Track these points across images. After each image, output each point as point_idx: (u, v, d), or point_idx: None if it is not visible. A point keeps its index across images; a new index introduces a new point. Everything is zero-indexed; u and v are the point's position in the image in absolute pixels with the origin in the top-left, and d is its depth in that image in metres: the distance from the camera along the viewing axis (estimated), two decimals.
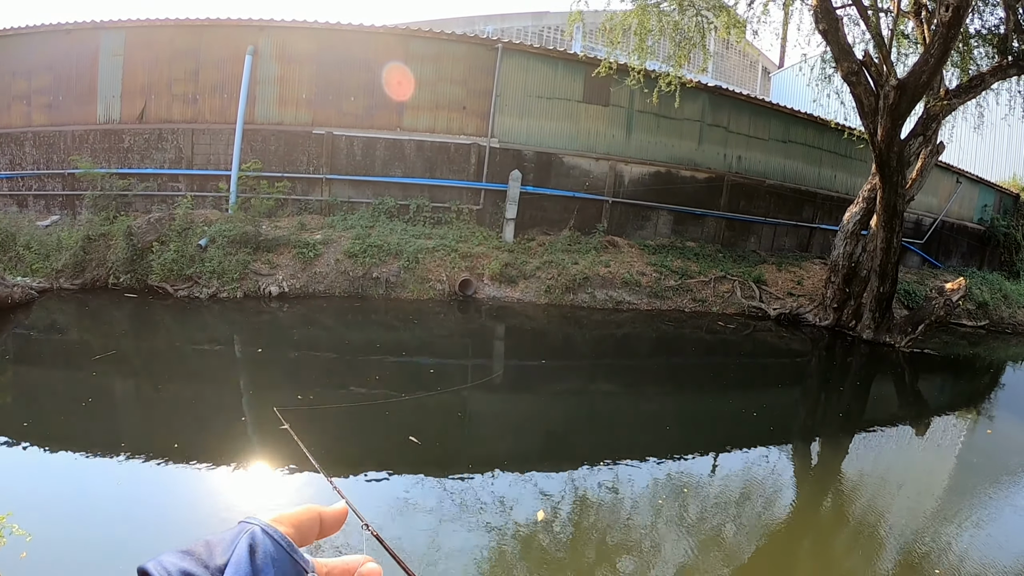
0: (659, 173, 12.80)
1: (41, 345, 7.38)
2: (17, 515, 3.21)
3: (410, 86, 11.63)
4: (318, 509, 0.64)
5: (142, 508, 4.01)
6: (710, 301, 11.50)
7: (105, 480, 4.30)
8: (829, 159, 14.67)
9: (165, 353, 7.38)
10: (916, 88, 8.98)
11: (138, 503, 4.04)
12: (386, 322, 9.32)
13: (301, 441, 3.31)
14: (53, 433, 4.87)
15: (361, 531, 1.10)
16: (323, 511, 0.65)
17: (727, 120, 13.26)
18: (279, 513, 0.60)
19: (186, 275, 9.68)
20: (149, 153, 11.84)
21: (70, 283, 9.83)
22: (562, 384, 7.50)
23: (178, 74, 11.82)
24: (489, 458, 5.09)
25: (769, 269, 12.69)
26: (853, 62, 9.32)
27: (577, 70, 12.08)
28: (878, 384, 9.09)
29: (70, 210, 12.03)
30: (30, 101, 12.46)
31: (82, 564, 3.37)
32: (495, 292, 10.60)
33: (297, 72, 11.62)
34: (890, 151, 9.44)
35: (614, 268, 11.33)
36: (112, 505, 4.05)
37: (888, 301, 10.49)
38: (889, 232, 10.04)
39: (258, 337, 8.43)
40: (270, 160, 11.53)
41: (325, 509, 0.65)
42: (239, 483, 4.31)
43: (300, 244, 10.29)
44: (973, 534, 4.48)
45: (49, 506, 3.84)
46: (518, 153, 11.97)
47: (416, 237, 10.86)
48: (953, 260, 17.73)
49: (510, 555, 3.75)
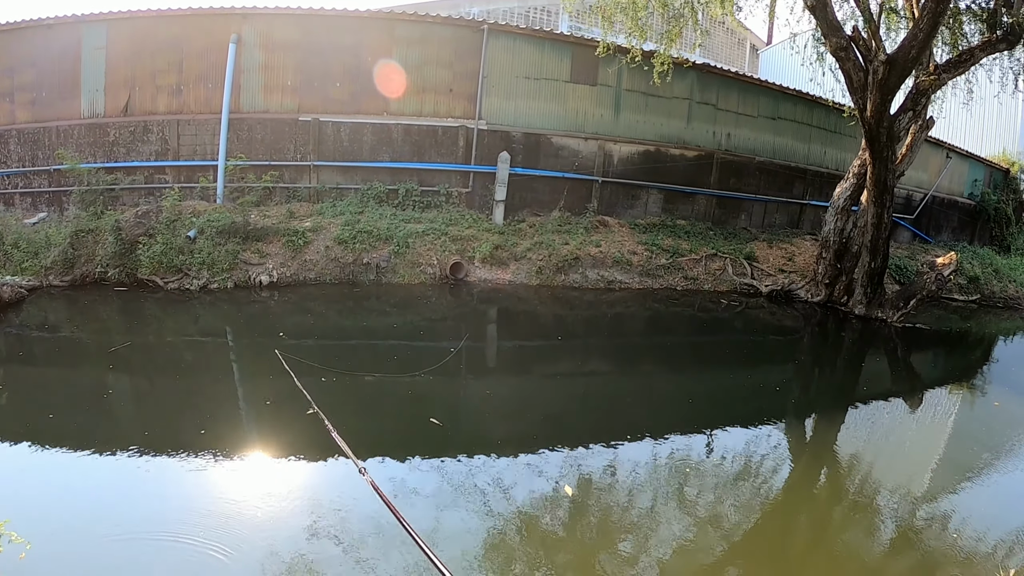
0: (648, 152, 12.77)
1: (34, 343, 7.33)
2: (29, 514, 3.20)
3: (401, 84, 11.59)
4: None
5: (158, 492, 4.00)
6: (701, 279, 11.52)
7: (116, 474, 4.29)
8: (819, 135, 14.65)
9: (162, 346, 7.34)
10: (905, 63, 8.96)
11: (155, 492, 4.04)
12: (377, 308, 9.29)
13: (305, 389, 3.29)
14: (63, 431, 4.84)
15: (360, 475, 1.14)
16: None
17: (716, 98, 13.22)
18: None
19: (176, 267, 9.63)
20: (135, 146, 11.75)
21: (59, 280, 9.77)
22: (556, 365, 7.50)
23: (162, 65, 11.71)
24: (493, 437, 5.12)
25: (760, 246, 12.70)
26: (842, 38, 9.30)
27: (564, 50, 12.02)
28: (871, 359, 9.11)
29: (57, 207, 11.95)
30: (13, 98, 12.34)
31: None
32: (486, 275, 10.58)
33: (282, 59, 11.53)
34: (880, 126, 9.43)
35: (605, 248, 11.32)
36: (127, 494, 4.04)
37: (879, 276, 10.51)
38: (879, 207, 10.04)
39: (254, 326, 8.40)
40: (257, 149, 11.46)
41: None
42: (247, 467, 4.31)
43: (289, 232, 10.25)
44: (980, 498, 4.54)
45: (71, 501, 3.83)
46: (506, 135, 11.92)
47: (406, 222, 10.83)
48: (944, 235, 17.77)
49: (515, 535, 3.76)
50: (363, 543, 3.42)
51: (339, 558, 3.30)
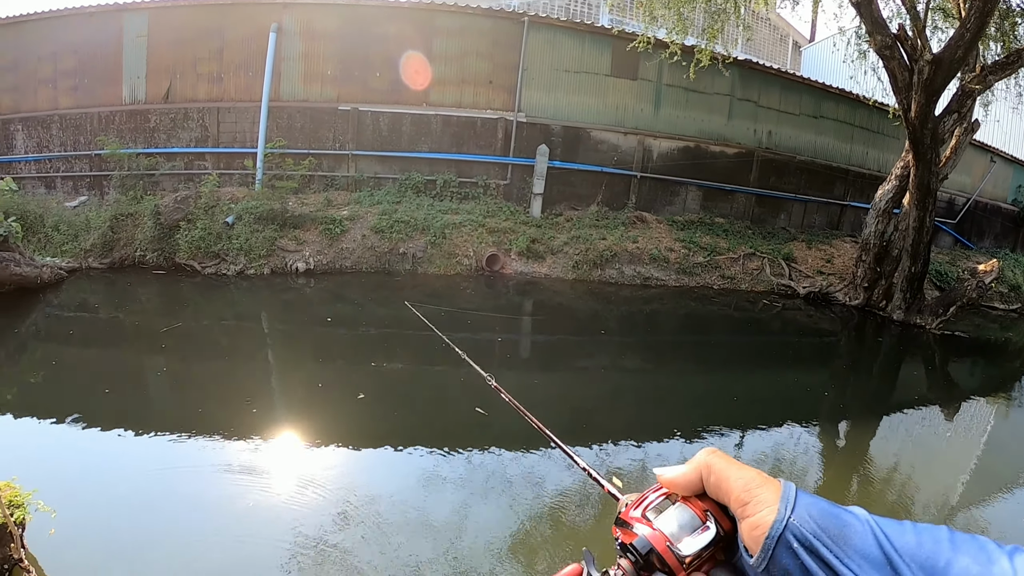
0: (688, 148, 12.56)
1: (81, 324, 7.37)
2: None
3: (441, 75, 11.53)
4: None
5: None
6: (739, 278, 11.29)
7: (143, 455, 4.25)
8: (861, 135, 14.32)
9: (211, 328, 7.38)
10: (951, 63, 8.72)
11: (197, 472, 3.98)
12: (414, 298, 9.21)
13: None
14: (96, 411, 4.81)
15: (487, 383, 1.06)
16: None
17: (757, 95, 12.97)
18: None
19: (213, 252, 9.66)
20: (175, 132, 11.83)
21: (98, 262, 9.86)
22: (592, 359, 7.35)
23: (202, 53, 11.78)
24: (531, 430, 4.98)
25: (799, 247, 12.44)
26: (887, 36, 9.06)
27: (604, 43, 11.87)
28: (909, 365, 8.84)
29: (97, 191, 12.08)
30: (56, 84, 12.51)
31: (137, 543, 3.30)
32: (522, 267, 10.46)
33: (322, 48, 11.53)
34: (924, 128, 9.19)
35: (642, 244, 11.14)
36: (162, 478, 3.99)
37: (919, 281, 10.24)
38: (922, 211, 9.79)
39: (290, 312, 8.41)
40: (296, 137, 11.47)
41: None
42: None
43: (327, 220, 10.23)
44: (1015, 512, 4.36)
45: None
46: (545, 127, 11.79)
47: (443, 212, 10.75)
48: (986, 241, 17.28)
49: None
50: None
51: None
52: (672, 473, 0.59)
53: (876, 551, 0.49)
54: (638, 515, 0.58)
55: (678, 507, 0.57)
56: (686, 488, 0.58)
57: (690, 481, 0.58)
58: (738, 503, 0.55)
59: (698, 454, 0.59)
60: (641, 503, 0.59)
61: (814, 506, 0.52)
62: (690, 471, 0.58)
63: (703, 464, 0.58)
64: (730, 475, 0.56)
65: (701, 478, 0.58)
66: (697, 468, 0.58)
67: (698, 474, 0.58)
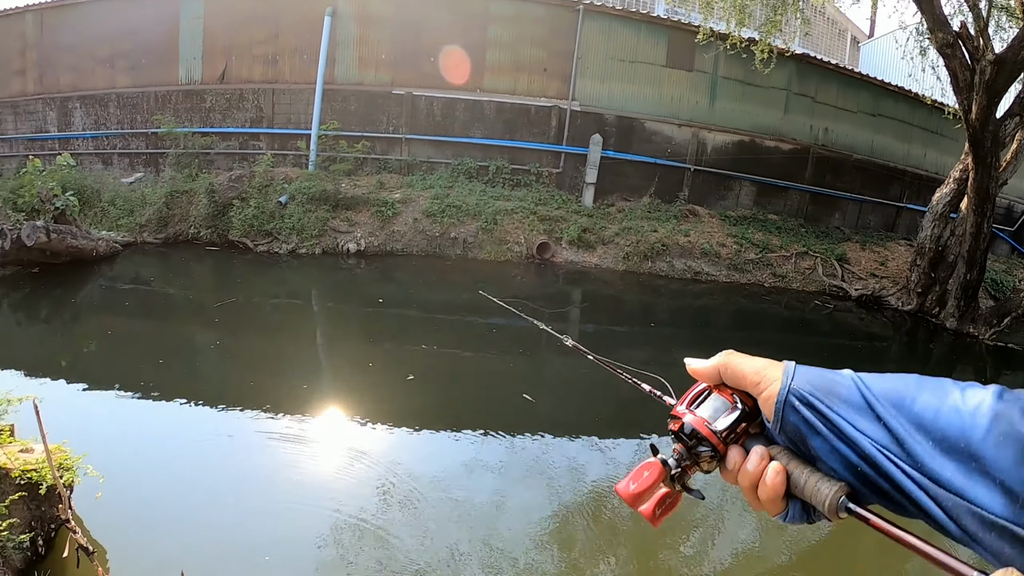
0: (743, 142, 12.29)
1: (126, 295, 7.46)
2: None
3: (482, 62, 11.47)
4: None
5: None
6: (790, 277, 11.01)
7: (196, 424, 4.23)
8: (920, 136, 13.88)
9: (263, 305, 7.45)
10: (1014, 64, 8.39)
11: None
12: (464, 282, 9.14)
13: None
14: (149, 381, 4.83)
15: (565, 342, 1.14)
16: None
17: (814, 90, 12.65)
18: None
19: (266, 231, 9.73)
20: (230, 112, 11.97)
21: (153, 237, 10.01)
22: (640, 351, 7.17)
23: (258, 36, 11.90)
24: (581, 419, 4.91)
25: (852, 247, 12.10)
26: (948, 33, 8.74)
27: (660, 34, 11.68)
28: (959, 376, 8.38)
29: (153, 168, 12.27)
30: (113, 64, 12.75)
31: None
32: (572, 256, 10.35)
33: (376, 33, 11.55)
34: (984, 130, 8.85)
35: (693, 238, 10.94)
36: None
37: (974, 289, 9.87)
38: (979, 216, 9.42)
39: (341, 292, 8.48)
40: (349, 120, 11.51)
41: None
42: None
43: (379, 203, 10.23)
44: None
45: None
46: (599, 117, 11.65)
47: (495, 199, 10.69)
48: None
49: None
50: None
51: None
52: (697, 364, 0.71)
53: (858, 398, 0.60)
54: (683, 409, 0.71)
55: (712, 397, 0.70)
56: (707, 378, 0.71)
57: (710, 374, 0.70)
58: (753, 385, 0.67)
59: (719, 355, 0.70)
60: (685, 399, 0.72)
61: (809, 372, 0.65)
62: (710, 366, 0.70)
63: (721, 364, 0.69)
64: (744, 366, 0.68)
65: (719, 373, 0.69)
66: (715, 366, 0.70)
67: (716, 370, 0.70)
